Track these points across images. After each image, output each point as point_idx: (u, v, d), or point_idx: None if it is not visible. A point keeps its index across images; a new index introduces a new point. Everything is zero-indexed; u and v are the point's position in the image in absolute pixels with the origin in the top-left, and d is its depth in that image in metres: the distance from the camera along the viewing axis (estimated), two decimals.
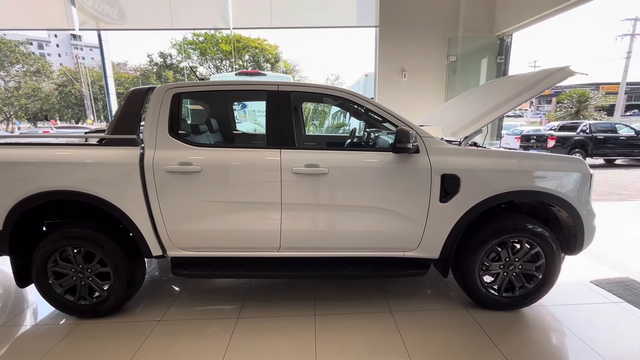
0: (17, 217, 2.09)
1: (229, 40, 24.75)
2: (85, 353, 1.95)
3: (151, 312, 2.37)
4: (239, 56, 26.26)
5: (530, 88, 2.28)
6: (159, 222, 2.16)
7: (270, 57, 26.04)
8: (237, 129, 3.54)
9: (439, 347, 1.98)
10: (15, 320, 2.31)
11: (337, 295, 2.56)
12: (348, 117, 6.82)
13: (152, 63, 28.71)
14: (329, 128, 7.21)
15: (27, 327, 2.26)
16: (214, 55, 26.69)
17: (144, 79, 28.32)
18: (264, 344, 2.01)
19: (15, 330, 2.21)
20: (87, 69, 31.37)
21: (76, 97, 31.30)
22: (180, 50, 27.12)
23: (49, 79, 31.66)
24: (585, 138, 11.55)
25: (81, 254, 2.20)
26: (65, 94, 30.95)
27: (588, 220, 2.23)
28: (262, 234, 2.20)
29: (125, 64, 35.82)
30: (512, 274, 2.25)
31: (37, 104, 31.14)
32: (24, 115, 31.82)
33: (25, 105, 30.41)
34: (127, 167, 2.08)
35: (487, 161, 2.14)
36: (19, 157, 2.06)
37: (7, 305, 2.53)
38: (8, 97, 29.84)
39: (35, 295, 2.53)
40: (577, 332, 2.09)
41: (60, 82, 31.37)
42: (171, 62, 28.20)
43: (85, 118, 31.92)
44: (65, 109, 31.94)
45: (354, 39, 79.87)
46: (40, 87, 30.67)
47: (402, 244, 2.23)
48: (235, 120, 3.56)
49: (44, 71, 31.47)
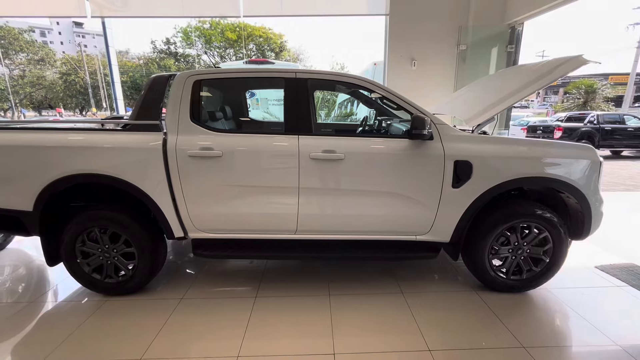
0: (46, 199, 2.20)
1: (234, 29, 24.51)
2: (114, 327, 2.07)
3: (172, 290, 2.49)
4: (244, 45, 26.03)
5: (543, 77, 2.31)
6: (181, 204, 2.25)
7: (275, 46, 25.79)
8: (249, 117, 3.61)
9: (448, 323, 2.09)
10: (45, 297, 2.44)
11: (349, 277, 2.67)
12: (356, 106, 6.83)
13: (156, 50, 28.55)
14: (337, 117, 7.23)
15: (57, 304, 2.39)
16: (219, 43, 26.47)
17: (147, 67, 28.17)
18: (283, 320, 2.12)
19: (44, 307, 2.34)
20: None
21: (80, 85, 31.28)
22: (185, 38, 26.92)
23: (52, 68, 31.65)
24: (592, 129, 11.48)
25: (107, 234, 2.30)
26: (69, 82, 30.93)
27: (596, 207, 2.29)
28: (279, 217, 2.29)
29: (127, 52, 35.65)
30: (521, 257, 2.34)
31: (42, 92, 31.18)
32: (29, 103, 31.92)
33: (30, 94, 30.48)
34: (150, 151, 2.16)
35: (499, 148, 2.20)
36: (49, 142, 2.14)
37: (31, 285, 2.66)
38: (13, 86, 29.91)
39: (59, 275, 2.65)
40: (581, 312, 2.19)
41: (64, 70, 31.33)
42: (175, 50, 28.03)
43: (90, 107, 31.98)
44: (70, 97, 31.97)
45: (359, 27, 78.56)
46: (44, 75, 30.68)
47: (414, 228, 2.32)
48: (247, 108, 3.63)
49: (47, 59, 31.45)
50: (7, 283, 2.66)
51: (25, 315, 2.22)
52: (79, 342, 1.93)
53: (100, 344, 1.92)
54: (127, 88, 26.85)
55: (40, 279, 2.75)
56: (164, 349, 1.88)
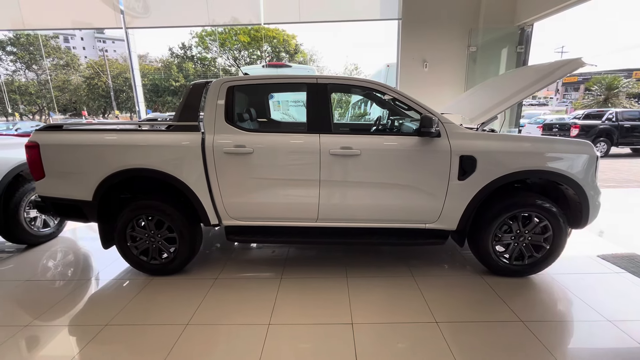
0: (104, 190, 2.56)
1: (247, 31, 25.09)
2: (161, 301, 2.41)
3: (207, 273, 2.82)
4: (258, 47, 26.61)
5: (545, 77, 2.52)
6: (217, 195, 2.57)
7: (289, 48, 26.21)
8: (272, 118, 3.93)
9: (455, 302, 2.33)
10: (99, 276, 2.82)
11: (364, 263, 2.93)
12: (369, 106, 7.07)
13: (174, 55, 29.52)
14: (351, 117, 7.49)
15: (109, 282, 2.75)
16: (232, 46, 27.15)
17: (167, 70, 29.14)
18: (306, 297, 2.41)
19: (100, 284, 2.71)
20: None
21: (102, 89, 32.61)
22: (200, 42, 27.76)
23: (77, 72, 33.11)
24: (610, 127, 11.29)
25: (153, 221, 2.65)
26: (92, 86, 32.29)
27: (594, 198, 2.48)
28: (303, 206, 2.58)
29: (146, 56, 36.87)
30: (522, 244, 2.55)
31: (67, 96, 32.66)
32: (56, 107, 33.48)
33: (57, 98, 31.98)
34: (191, 149, 2.49)
35: (500, 144, 2.42)
36: (107, 141, 2.50)
37: (86, 266, 3.05)
38: (40, 90, 31.49)
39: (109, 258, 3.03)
40: (579, 294, 2.38)
41: (87, 74, 32.74)
42: (192, 54, 28.91)
43: (112, 110, 33.26)
44: (93, 101, 33.39)
45: (371, 30, 78.37)
46: (69, 79, 32.15)
47: (424, 217, 2.56)
48: (269, 110, 3.95)
49: (72, 64, 32.94)
50: (64, 264, 3.06)
51: (86, 290, 2.60)
52: (133, 312, 2.28)
53: (151, 313, 2.26)
54: (147, 91, 27.88)
55: (91, 261, 3.14)
56: (206, 317, 2.20)
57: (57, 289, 2.61)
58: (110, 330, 2.08)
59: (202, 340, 1.97)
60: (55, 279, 2.79)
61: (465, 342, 1.91)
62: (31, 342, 1.99)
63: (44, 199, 2.69)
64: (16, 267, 3.00)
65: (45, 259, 3.17)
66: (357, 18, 5.94)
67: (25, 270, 2.93)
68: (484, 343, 1.90)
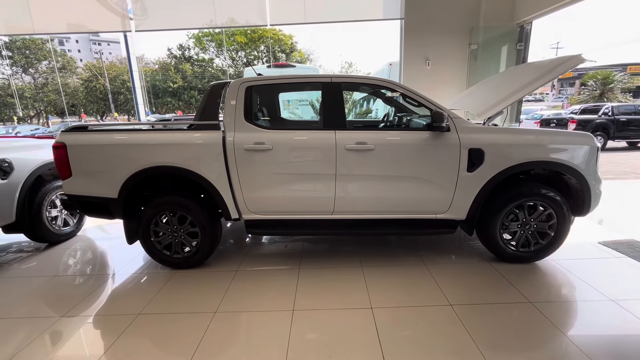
0: (129, 188, 2.68)
1: (244, 32, 25.18)
2: (187, 292, 2.53)
3: (227, 266, 2.94)
4: (255, 47, 26.70)
5: (546, 74, 2.66)
6: (237, 191, 2.70)
7: (285, 47, 26.31)
8: (284, 116, 4.06)
9: (467, 287, 2.47)
10: (123, 270, 2.93)
11: (377, 254, 3.06)
12: (373, 104, 7.22)
13: (171, 56, 29.54)
14: (357, 115, 7.64)
15: (135, 275, 2.86)
16: (230, 46, 27.22)
17: (165, 72, 29.14)
18: (325, 285, 2.55)
19: (126, 278, 2.82)
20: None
21: (100, 91, 32.55)
22: (197, 43, 27.81)
23: (74, 75, 33.05)
24: (607, 121, 11.51)
25: (176, 217, 2.77)
26: (90, 89, 32.23)
27: (595, 187, 2.62)
28: (319, 200, 2.70)
29: (142, 57, 36.83)
30: (528, 232, 2.69)
31: (64, 99, 32.59)
32: (53, 110, 33.40)
33: (54, 101, 31.90)
34: (213, 146, 2.61)
35: (507, 137, 2.56)
36: (132, 140, 2.62)
37: (110, 261, 3.16)
38: (37, 93, 31.40)
39: (131, 254, 3.15)
40: (583, 277, 2.53)
41: (85, 77, 32.67)
42: (189, 55, 28.94)
43: (110, 112, 33.22)
44: (91, 103, 33.32)
45: (368, 29, 78.46)
46: (67, 82, 32.07)
47: (435, 208, 2.70)
48: (280, 109, 4.08)
49: (69, 67, 32.87)
50: (87, 261, 3.18)
51: (112, 284, 2.72)
52: (162, 302, 2.40)
53: (179, 303, 2.38)
54: (146, 93, 27.87)
55: (112, 257, 3.25)
56: (233, 305, 2.32)
57: (85, 283, 2.73)
58: (143, 319, 2.20)
59: (232, 326, 2.10)
60: (82, 274, 2.91)
61: (480, 322, 2.05)
62: (70, 331, 2.11)
63: (70, 197, 2.80)
64: (42, 264, 3.12)
65: (69, 256, 3.28)
66: (361, 18, 6.07)
67: (51, 267, 3.04)
68: (497, 322, 2.04)
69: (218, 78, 26.79)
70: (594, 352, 1.76)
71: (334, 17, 5.96)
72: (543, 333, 1.93)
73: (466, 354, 1.79)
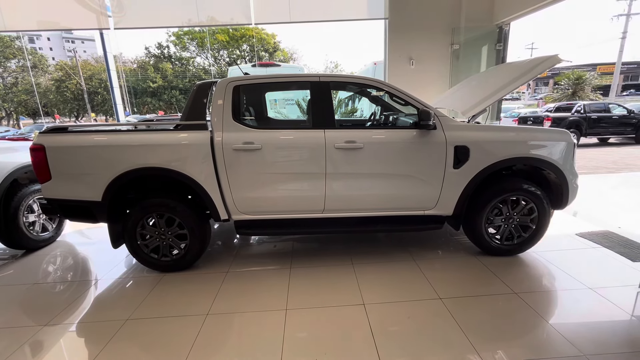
0: (113, 191, 2.60)
1: (226, 30, 24.80)
2: (177, 294, 2.48)
3: (217, 267, 2.90)
4: (237, 46, 26.33)
5: (526, 73, 2.77)
6: (227, 191, 2.66)
7: (268, 47, 26.09)
8: (270, 116, 4.03)
9: (455, 280, 2.54)
10: (109, 275, 2.84)
11: (366, 251, 3.10)
12: (358, 103, 7.28)
13: (149, 55, 28.70)
14: (342, 114, 7.68)
15: (120, 279, 2.78)
16: (212, 45, 26.74)
17: (144, 71, 28.30)
18: (317, 283, 2.56)
19: (113, 283, 2.74)
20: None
21: (72, 91, 31.23)
22: (177, 42, 27.15)
23: (45, 74, 31.58)
24: (579, 118, 12.05)
25: (164, 219, 2.71)
26: (62, 89, 30.90)
27: (572, 181, 2.75)
28: (309, 198, 2.71)
29: (119, 56, 35.63)
30: (512, 225, 2.79)
31: (36, 99, 31.11)
32: (24, 110, 31.83)
33: (25, 101, 30.42)
34: (201, 147, 2.57)
35: (490, 134, 2.65)
36: (116, 141, 2.54)
37: (95, 266, 3.06)
38: (7, 94, 29.84)
39: (115, 258, 3.06)
40: (562, 267, 2.65)
41: (57, 77, 31.29)
42: (169, 54, 28.22)
43: (86, 113, 31.97)
44: (63, 103, 31.93)
45: (352, 29, 78.97)
46: (38, 82, 30.62)
47: (423, 204, 2.76)
48: (267, 108, 4.05)
49: (40, 66, 31.38)
50: (68, 267, 3.06)
51: (98, 290, 2.63)
52: (151, 306, 2.34)
53: (169, 306, 2.33)
54: (124, 93, 26.99)
55: (95, 262, 3.15)
56: (225, 307, 2.30)
57: (67, 290, 2.63)
58: (132, 324, 2.14)
59: (225, 328, 2.08)
60: (64, 280, 2.80)
61: (468, 313, 2.12)
62: (53, 341, 2.03)
63: (50, 202, 2.69)
64: (20, 272, 2.98)
65: (48, 262, 3.15)
66: (345, 18, 6.11)
67: (30, 274, 2.91)
68: (485, 313, 2.12)
69: (200, 77, 26.30)
70: (574, 338, 1.86)
71: (319, 17, 5.97)
72: (528, 321, 2.01)
73: (457, 344, 1.84)
